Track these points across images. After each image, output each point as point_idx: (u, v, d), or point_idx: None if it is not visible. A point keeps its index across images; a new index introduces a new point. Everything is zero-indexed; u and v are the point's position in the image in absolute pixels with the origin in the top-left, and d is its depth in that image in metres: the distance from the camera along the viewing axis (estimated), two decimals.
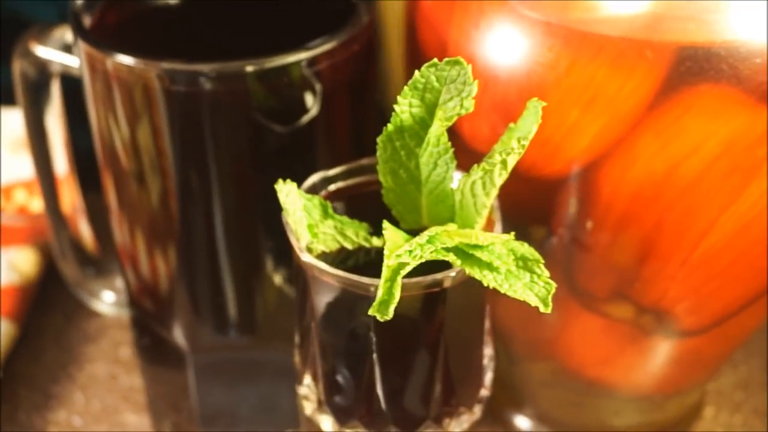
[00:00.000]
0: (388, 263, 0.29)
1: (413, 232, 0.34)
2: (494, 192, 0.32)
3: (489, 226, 0.34)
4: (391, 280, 0.29)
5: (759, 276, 0.40)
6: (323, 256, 0.34)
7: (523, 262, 0.31)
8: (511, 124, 0.34)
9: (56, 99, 0.46)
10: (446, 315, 0.33)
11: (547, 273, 0.31)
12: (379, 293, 0.29)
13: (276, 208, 0.41)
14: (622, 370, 0.46)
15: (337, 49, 0.38)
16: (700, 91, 0.36)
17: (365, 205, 0.36)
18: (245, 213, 0.41)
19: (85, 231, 0.50)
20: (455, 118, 0.32)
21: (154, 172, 0.40)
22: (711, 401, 0.52)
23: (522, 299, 0.31)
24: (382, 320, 0.29)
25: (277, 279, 0.43)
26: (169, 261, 0.43)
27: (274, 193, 0.40)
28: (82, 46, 0.39)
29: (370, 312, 0.29)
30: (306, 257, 0.33)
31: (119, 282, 0.50)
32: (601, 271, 0.41)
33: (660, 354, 0.44)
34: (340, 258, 0.34)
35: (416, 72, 0.32)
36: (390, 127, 0.33)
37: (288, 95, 0.38)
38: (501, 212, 0.35)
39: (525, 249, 0.32)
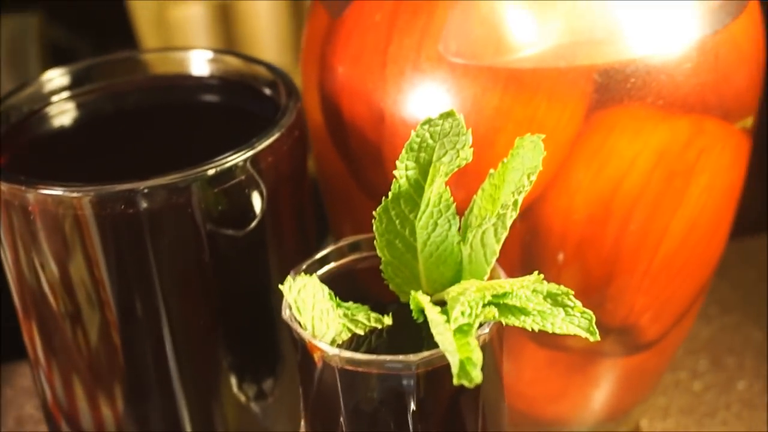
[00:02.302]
0: (452, 329, 0.28)
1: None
2: (504, 236, 0.32)
3: (494, 274, 0.34)
4: (464, 343, 0.28)
5: (705, 267, 0.42)
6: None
7: (553, 299, 0.31)
8: (491, 170, 0.34)
9: None
10: (484, 375, 0.32)
11: (578, 303, 0.31)
12: (454, 361, 0.27)
13: (232, 320, 0.38)
14: (573, 401, 0.46)
15: (281, 138, 0.36)
16: (616, 113, 0.37)
17: (352, 285, 0.34)
18: (200, 333, 0.38)
19: None
20: (455, 171, 0.31)
21: (92, 308, 0.36)
22: (640, 413, 0.54)
23: (571, 333, 0.30)
24: (471, 386, 0.27)
25: (242, 397, 0.40)
26: (117, 405, 0.38)
27: (229, 305, 0.38)
28: None
29: (455, 382, 0.27)
30: (337, 352, 0.30)
31: None
32: None
33: (609, 377, 0.45)
34: (353, 346, 0.32)
35: (412, 132, 0.31)
36: (390, 195, 0.31)
37: (234, 199, 0.36)
38: None
39: (549, 286, 0.31)
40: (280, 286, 0.31)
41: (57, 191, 0.34)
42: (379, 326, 0.33)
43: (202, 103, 0.42)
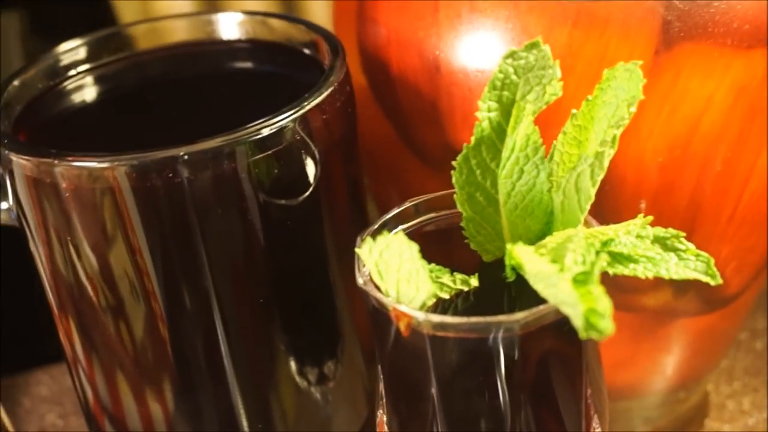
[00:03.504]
0: (567, 278, 0.25)
1: (500, 262, 0.30)
2: (601, 178, 0.29)
3: (586, 223, 0.30)
4: (585, 292, 0.24)
5: None
6: None
7: (662, 243, 0.28)
8: (574, 110, 0.31)
9: None
10: None
11: (691, 245, 0.28)
12: (577, 313, 0.24)
13: (287, 300, 0.35)
14: (642, 368, 0.43)
15: (332, 95, 0.33)
16: (689, 48, 0.34)
17: (430, 247, 0.31)
18: (253, 315, 0.34)
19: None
20: (543, 109, 0.28)
21: (135, 292, 0.33)
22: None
23: (690, 278, 0.27)
24: (603, 338, 0.24)
25: (301, 383, 0.36)
26: (167, 401, 0.35)
27: (283, 283, 0.34)
28: (21, 163, 0.31)
29: (582, 336, 0.24)
30: (428, 317, 0.27)
31: None
32: None
33: (680, 341, 0.42)
34: (438, 312, 0.29)
35: (495, 69, 0.28)
36: (472, 141, 0.28)
37: (285, 164, 0.32)
38: None
39: (655, 230, 0.28)
40: (356, 250, 0.28)
41: (91, 162, 0.30)
42: (465, 288, 0.30)
43: (236, 69, 0.38)
